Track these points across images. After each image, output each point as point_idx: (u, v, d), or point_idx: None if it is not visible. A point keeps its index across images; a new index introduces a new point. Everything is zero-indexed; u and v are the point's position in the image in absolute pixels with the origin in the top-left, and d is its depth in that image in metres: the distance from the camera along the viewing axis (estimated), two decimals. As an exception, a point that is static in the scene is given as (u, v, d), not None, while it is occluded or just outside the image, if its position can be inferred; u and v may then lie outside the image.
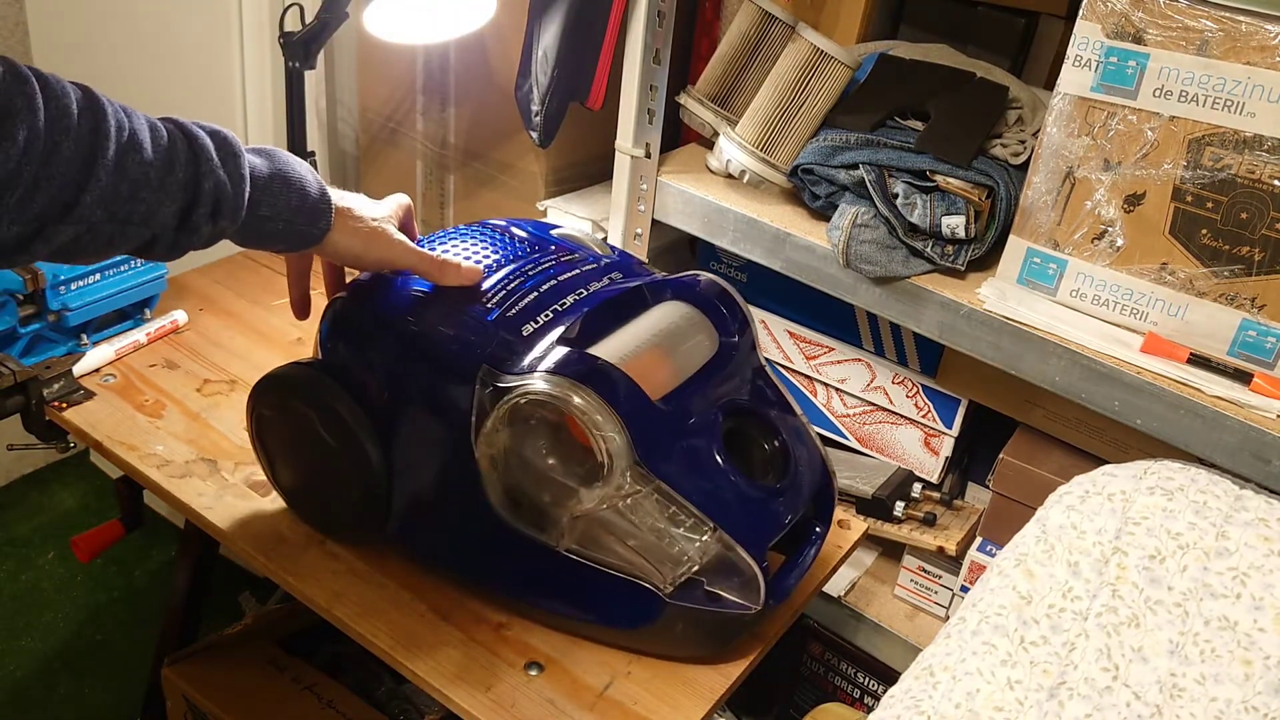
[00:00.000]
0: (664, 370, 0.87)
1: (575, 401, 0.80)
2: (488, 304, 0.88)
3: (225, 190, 0.75)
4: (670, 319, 0.91)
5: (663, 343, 0.89)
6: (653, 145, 1.23)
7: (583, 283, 0.92)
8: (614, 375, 0.83)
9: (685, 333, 0.91)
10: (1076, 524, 0.85)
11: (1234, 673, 0.74)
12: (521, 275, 0.91)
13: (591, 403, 0.80)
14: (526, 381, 0.81)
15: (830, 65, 1.12)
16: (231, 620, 1.31)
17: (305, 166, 0.82)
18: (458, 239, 0.96)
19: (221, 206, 0.75)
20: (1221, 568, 0.80)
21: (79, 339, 1.15)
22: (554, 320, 0.86)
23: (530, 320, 0.86)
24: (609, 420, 0.80)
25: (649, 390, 0.84)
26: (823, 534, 0.95)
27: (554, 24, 1.22)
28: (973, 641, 0.79)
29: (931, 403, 1.29)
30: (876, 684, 1.37)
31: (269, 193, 0.79)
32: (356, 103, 1.55)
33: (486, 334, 0.85)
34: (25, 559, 1.82)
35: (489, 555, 0.90)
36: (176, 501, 0.99)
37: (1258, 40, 0.88)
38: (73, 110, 0.68)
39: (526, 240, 0.97)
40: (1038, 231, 1.03)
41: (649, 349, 0.87)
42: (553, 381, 0.81)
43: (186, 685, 1.18)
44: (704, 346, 0.92)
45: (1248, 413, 0.94)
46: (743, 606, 0.85)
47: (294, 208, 0.80)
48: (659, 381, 0.86)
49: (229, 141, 0.76)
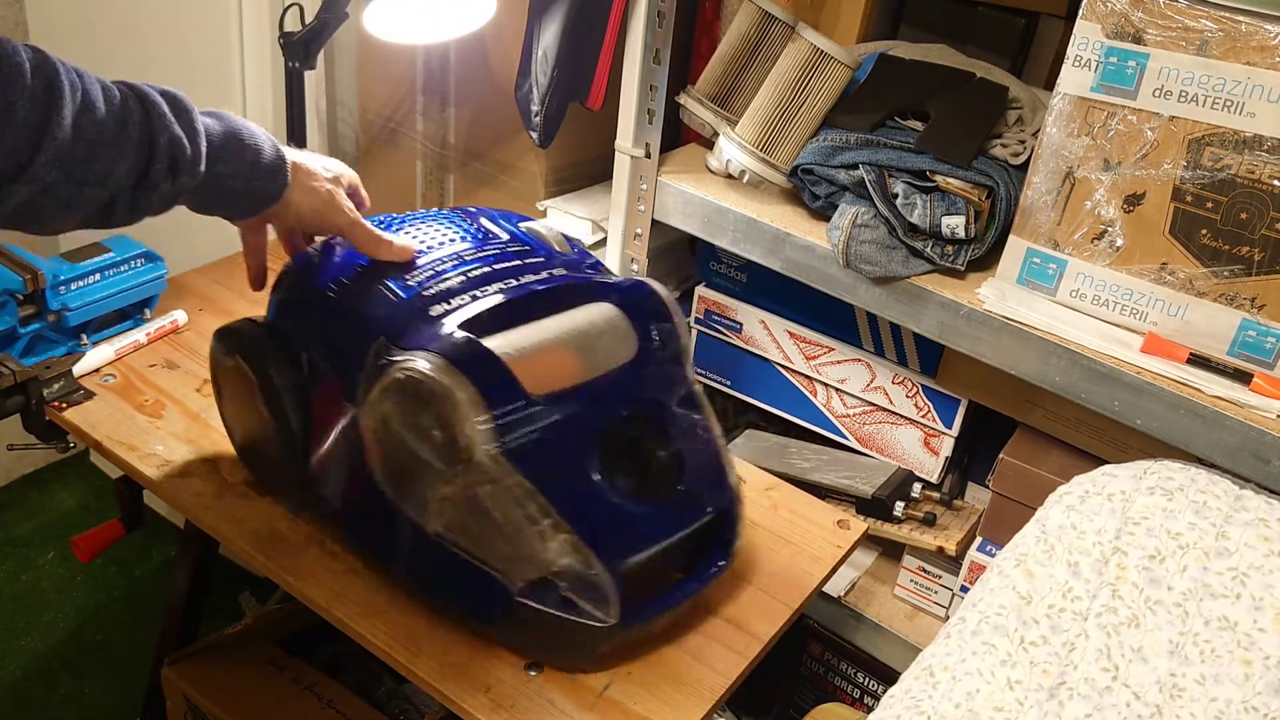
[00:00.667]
0: (561, 369, 0.87)
1: (444, 383, 0.81)
2: (410, 282, 0.89)
3: (181, 145, 0.76)
4: (588, 320, 0.91)
5: (567, 341, 0.88)
6: (653, 145, 1.23)
7: (515, 274, 0.92)
8: (491, 363, 0.83)
9: (598, 335, 0.90)
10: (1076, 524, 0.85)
11: (1234, 673, 0.74)
12: (456, 259, 0.92)
13: (459, 387, 0.81)
14: (408, 357, 0.82)
15: (830, 65, 1.12)
16: (231, 620, 1.31)
17: (257, 127, 0.83)
18: (421, 221, 0.98)
19: (179, 162, 0.76)
20: (1221, 568, 0.80)
21: (79, 339, 1.15)
22: (468, 305, 0.87)
23: (444, 302, 0.88)
24: (474, 406, 0.81)
25: (535, 384, 0.84)
26: (723, 567, 0.93)
27: (554, 24, 1.22)
28: (973, 641, 0.79)
29: (931, 403, 1.29)
30: (876, 684, 1.37)
31: (226, 150, 0.80)
32: (356, 103, 1.55)
33: (396, 310, 0.87)
34: (25, 559, 1.82)
35: (377, 531, 0.91)
36: (176, 501, 0.99)
37: (1258, 40, 0.88)
38: (25, 70, 0.68)
39: (483, 229, 0.98)
40: (1038, 231, 1.03)
41: (550, 346, 0.87)
42: (429, 361, 0.81)
43: (186, 685, 1.18)
44: (617, 351, 0.91)
45: (1248, 413, 0.94)
46: (596, 618, 0.83)
47: (251, 163, 0.81)
48: (550, 378, 0.86)
49: (180, 99, 0.77)
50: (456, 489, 0.83)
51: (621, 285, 0.94)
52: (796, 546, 1.03)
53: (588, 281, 0.93)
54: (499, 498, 0.82)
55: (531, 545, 0.82)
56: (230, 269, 1.34)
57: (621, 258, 1.29)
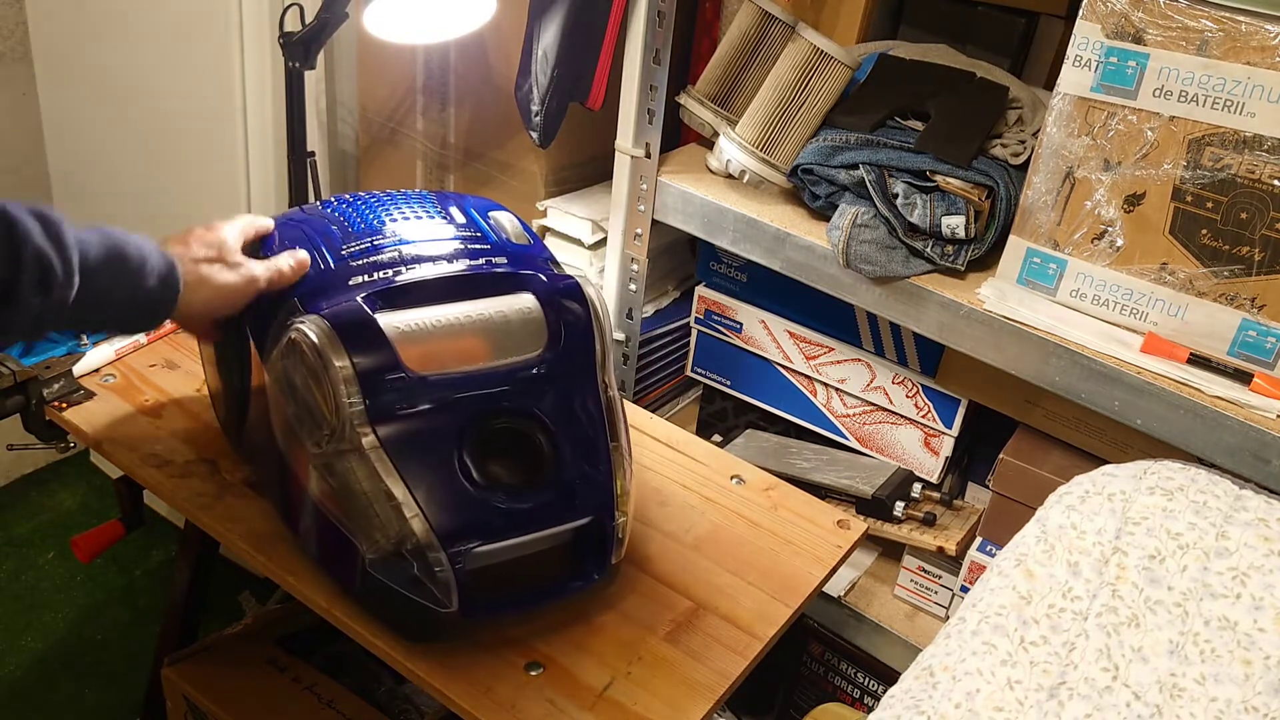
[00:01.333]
0: (457, 352, 0.87)
1: (321, 346, 0.83)
2: (344, 252, 0.92)
3: (48, 259, 0.73)
4: (499, 309, 0.90)
5: (470, 327, 0.89)
6: (653, 145, 1.23)
7: (451, 258, 0.93)
8: (372, 334, 0.84)
9: (506, 326, 0.90)
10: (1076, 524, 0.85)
11: (1234, 673, 0.74)
12: (395, 236, 0.94)
13: (335, 353, 0.82)
14: (302, 320, 0.84)
15: (830, 65, 1.12)
16: (231, 620, 1.31)
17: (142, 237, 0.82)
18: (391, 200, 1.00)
19: (48, 277, 0.74)
20: (1221, 568, 0.80)
21: (79, 339, 1.15)
22: (388, 280, 0.89)
23: (365, 274, 0.90)
24: (345, 375, 0.82)
25: (422, 364, 0.85)
26: (595, 579, 0.92)
27: (554, 24, 1.22)
28: (973, 641, 0.79)
29: (931, 403, 1.29)
30: (876, 684, 1.37)
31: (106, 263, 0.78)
32: (356, 103, 1.55)
33: (319, 275, 0.91)
34: (25, 559, 1.82)
35: (279, 486, 0.94)
36: (176, 501, 0.99)
37: (1258, 40, 0.88)
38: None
39: (446, 213, 1.00)
40: (1038, 231, 1.03)
41: (450, 329, 0.88)
42: (315, 325, 0.83)
43: (186, 685, 1.18)
44: (521, 345, 0.90)
45: (1248, 413, 0.94)
46: (436, 602, 0.83)
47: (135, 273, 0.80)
48: (442, 360, 0.86)
49: (48, 215, 0.75)
50: (327, 453, 0.84)
51: (551, 282, 0.94)
52: (796, 546, 1.03)
53: (515, 273, 0.93)
54: (360, 467, 0.83)
55: (382, 520, 0.83)
56: (230, 269, 1.34)
57: (621, 258, 1.29)
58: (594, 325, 0.93)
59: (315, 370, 0.83)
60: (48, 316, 0.76)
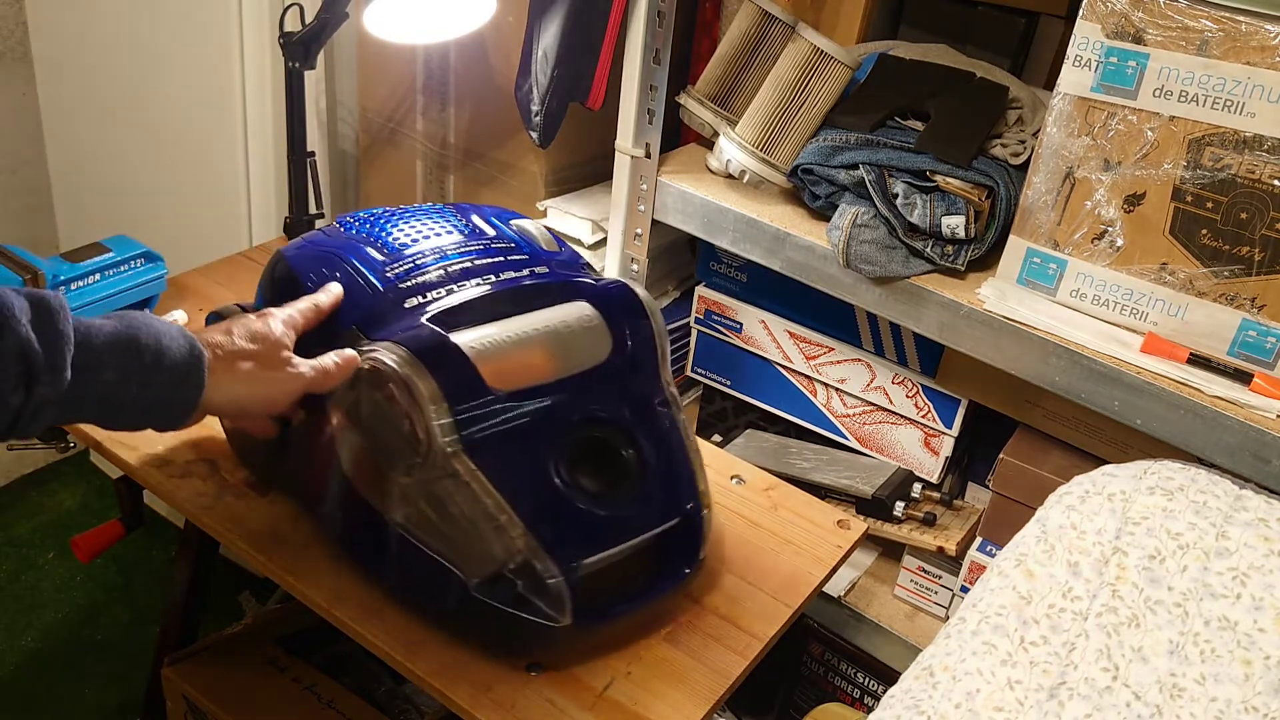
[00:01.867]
0: (530, 366, 0.87)
1: (405, 375, 0.81)
2: (389, 274, 0.90)
3: (31, 349, 0.67)
4: (561, 319, 0.91)
5: (540, 340, 0.88)
6: (653, 145, 1.23)
7: (496, 270, 0.93)
8: (454, 357, 0.83)
9: (571, 335, 0.90)
10: (1076, 524, 0.85)
11: (1234, 673, 0.74)
12: (438, 253, 0.93)
13: (421, 379, 0.81)
14: (374, 348, 0.83)
15: (830, 65, 1.12)
16: (231, 620, 1.31)
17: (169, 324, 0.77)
18: (413, 215, 0.99)
19: (33, 369, 0.68)
20: (1221, 568, 0.80)
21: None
22: (442, 299, 0.88)
23: (419, 295, 0.89)
24: (434, 399, 0.81)
25: (501, 381, 0.84)
26: (688, 574, 0.92)
27: (554, 24, 1.22)
28: (973, 641, 0.79)
29: (931, 403, 1.29)
30: (876, 684, 1.37)
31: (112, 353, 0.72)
32: (356, 103, 1.55)
33: (373, 301, 0.89)
34: (25, 559, 1.82)
35: (342, 517, 0.92)
36: (176, 501, 0.99)
37: (1258, 40, 0.88)
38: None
39: (473, 225, 0.99)
40: (1038, 231, 1.03)
41: (521, 343, 0.87)
42: (393, 352, 0.82)
43: (186, 685, 1.18)
44: (590, 351, 0.90)
45: (1248, 413, 0.94)
46: (549, 618, 0.83)
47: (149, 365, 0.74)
48: (518, 375, 0.86)
49: (48, 301, 0.70)
50: (416, 481, 0.83)
51: (601, 286, 0.94)
52: (796, 546, 1.03)
53: (567, 280, 0.94)
54: (457, 492, 0.82)
55: (487, 542, 0.82)
56: (231, 270, 1.34)
57: (621, 258, 1.29)
58: (652, 325, 0.93)
59: (398, 397, 0.82)
60: (29, 413, 0.69)
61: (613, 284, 0.95)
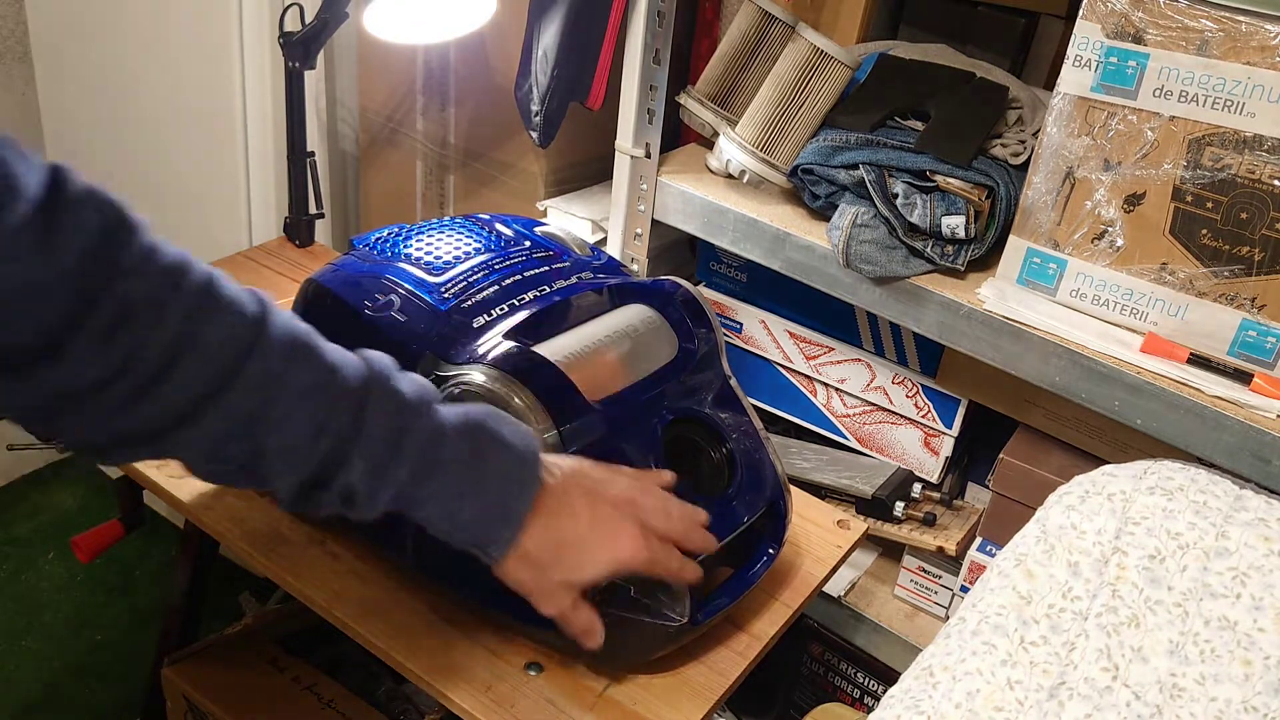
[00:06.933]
0: (610, 372, 0.87)
1: (507, 396, 0.80)
2: (446, 294, 0.89)
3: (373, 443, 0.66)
4: (628, 322, 0.91)
5: (613, 345, 0.88)
6: (653, 145, 1.23)
7: (547, 280, 0.92)
8: (550, 373, 0.83)
9: (640, 337, 0.90)
10: (1076, 524, 0.85)
11: (1234, 673, 0.74)
12: (486, 268, 0.92)
13: (524, 399, 0.80)
14: (463, 372, 0.81)
15: (830, 65, 1.12)
16: (231, 620, 1.31)
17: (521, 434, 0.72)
18: (438, 230, 0.97)
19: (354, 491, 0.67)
20: (1221, 568, 0.80)
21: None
22: (508, 314, 0.87)
23: (484, 313, 0.87)
24: (540, 417, 0.80)
25: (589, 391, 0.84)
26: (774, 555, 0.93)
27: (554, 24, 1.22)
28: (972, 641, 0.79)
29: (931, 403, 1.29)
30: (876, 684, 1.37)
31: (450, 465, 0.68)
32: (356, 103, 1.55)
33: (438, 323, 0.86)
34: (25, 559, 1.82)
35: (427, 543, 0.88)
36: (176, 501, 0.99)
37: (1258, 40, 0.88)
38: (245, 311, 0.64)
39: (503, 235, 0.98)
40: (1038, 231, 1.03)
41: (597, 350, 0.87)
42: (489, 374, 0.81)
43: (186, 685, 1.18)
44: (659, 352, 0.91)
45: (1248, 413, 0.94)
46: (668, 618, 0.83)
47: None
48: (602, 383, 0.85)
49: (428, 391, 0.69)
50: None
51: (653, 285, 0.95)
52: (796, 546, 1.03)
53: (619, 284, 0.94)
54: None
55: None
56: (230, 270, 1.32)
57: (621, 258, 1.29)
58: (709, 319, 0.94)
59: None
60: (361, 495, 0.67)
61: (665, 282, 0.95)
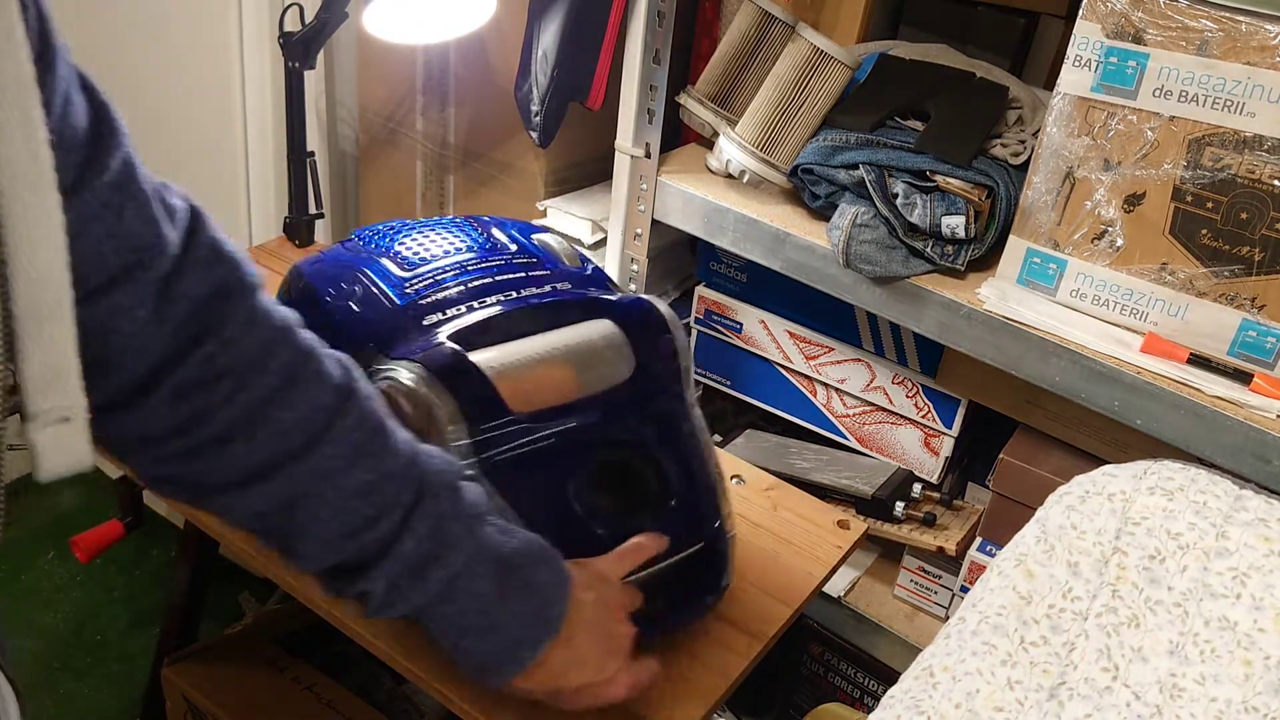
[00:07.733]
0: (552, 386, 0.85)
1: (423, 394, 0.79)
2: (408, 290, 0.88)
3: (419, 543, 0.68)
4: (585, 337, 0.88)
5: (562, 358, 0.86)
6: (653, 145, 1.23)
7: (517, 286, 0.91)
8: (473, 377, 0.81)
9: (594, 354, 0.87)
10: (1076, 524, 0.85)
11: (1234, 673, 0.74)
12: (458, 268, 0.91)
13: (439, 399, 0.79)
14: (390, 366, 0.81)
15: (830, 65, 1.12)
16: (231, 620, 1.31)
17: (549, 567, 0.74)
18: (430, 228, 0.97)
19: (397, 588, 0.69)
20: (1221, 568, 0.80)
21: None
22: (462, 316, 0.86)
23: (439, 312, 0.86)
24: (453, 420, 0.79)
25: (519, 401, 0.82)
26: (709, 605, 0.90)
27: (554, 24, 1.22)
28: (972, 642, 0.79)
29: (931, 403, 1.29)
30: (876, 684, 1.37)
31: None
32: (356, 103, 1.55)
33: (390, 317, 0.86)
34: (25, 559, 1.82)
35: None
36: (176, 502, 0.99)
37: (1258, 40, 0.88)
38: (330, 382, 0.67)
39: (493, 238, 0.97)
40: (1038, 231, 1.03)
41: (540, 361, 0.85)
42: (414, 372, 0.80)
43: (186, 685, 1.18)
44: (612, 371, 0.88)
45: (1248, 413, 0.94)
46: None
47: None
48: (539, 395, 0.84)
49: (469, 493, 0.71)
50: None
51: (623, 302, 0.92)
52: (796, 546, 1.03)
53: (588, 297, 0.91)
54: None
55: None
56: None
57: (621, 258, 1.29)
58: (674, 342, 0.90)
59: (415, 418, 0.80)
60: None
61: (635, 300, 0.92)
